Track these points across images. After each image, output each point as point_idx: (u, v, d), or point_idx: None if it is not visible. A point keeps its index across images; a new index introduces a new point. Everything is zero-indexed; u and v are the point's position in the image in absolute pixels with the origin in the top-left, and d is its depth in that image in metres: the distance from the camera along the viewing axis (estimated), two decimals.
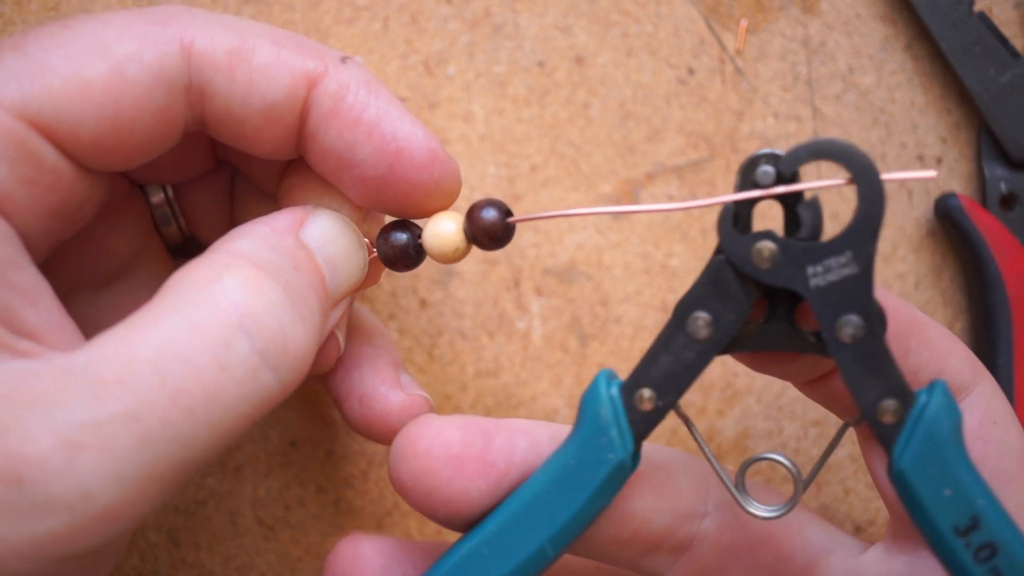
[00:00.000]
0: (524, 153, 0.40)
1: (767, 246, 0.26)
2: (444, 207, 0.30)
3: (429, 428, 0.29)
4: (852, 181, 0.26)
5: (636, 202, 0.40)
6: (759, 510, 0.29)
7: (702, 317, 0.27)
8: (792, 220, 0.27)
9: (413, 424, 0.30)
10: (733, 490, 0.29)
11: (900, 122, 0.40)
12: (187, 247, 0.35)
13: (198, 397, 0.24)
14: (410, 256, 0.30)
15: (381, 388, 0.33)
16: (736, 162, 0.40)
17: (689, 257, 0.40)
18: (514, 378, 0.39)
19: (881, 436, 0.27)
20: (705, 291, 0.27)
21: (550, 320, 0.40)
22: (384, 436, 0.33)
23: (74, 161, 0.26)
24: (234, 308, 0.25)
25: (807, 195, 0.27)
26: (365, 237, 0.30)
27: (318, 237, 0.29)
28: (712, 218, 0.40)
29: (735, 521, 0.31)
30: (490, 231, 0.29)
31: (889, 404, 0.26)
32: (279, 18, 0.39)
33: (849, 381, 0.27)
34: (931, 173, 0.26)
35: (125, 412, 0.23)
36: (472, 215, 0.30)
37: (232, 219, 0.35)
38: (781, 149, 0.27)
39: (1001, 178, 0.39)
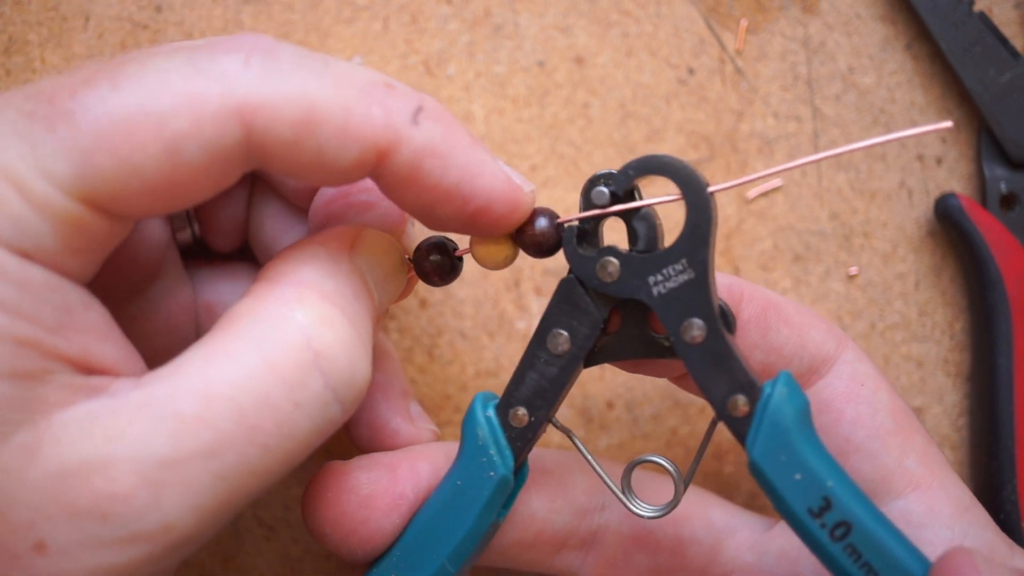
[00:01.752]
0: (524, 153, 0.40)
1: (610, 261, 0.28)
2: (512, 231, 0.30)
3: (336, 476, 0.30)
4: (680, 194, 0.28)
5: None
6: (644, 510, 0.30)
7: (560, 334, 0.29)
8: (632, 233, 0.29)
9: (320, 475, 0.31)
10: (618, 493, 0.30)
11: (900, 122, 0.40)
12: (193, 248, 0.35)
13: (273, 433, 0.25)
14: (447, 271, 0.31)
15: (393, 420, 0.33)
16: (736, 162, 0.40)
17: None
18: None
19: (734, 430, 0.28)
20: (559, 309, 0.29)
21: None
22: None
23: (122, 219, 0.26)
24: (309, 347, 0.26)
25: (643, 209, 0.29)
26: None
27: (368, 259, 0.29)
28: None
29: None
30: (539, 239, 0.29)
31: (738, 399, 0.28)
32: (279, 18, 0.39)
33: (699, 380, 0.28)
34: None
35: (205, 449, 0.24)
36: (522, 226, 0.30)
37: (246, 224, 0.35)
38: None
39: (1001, 178, 0.39)
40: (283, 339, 0.26)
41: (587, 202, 0.29)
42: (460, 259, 0.31)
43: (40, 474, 0.23)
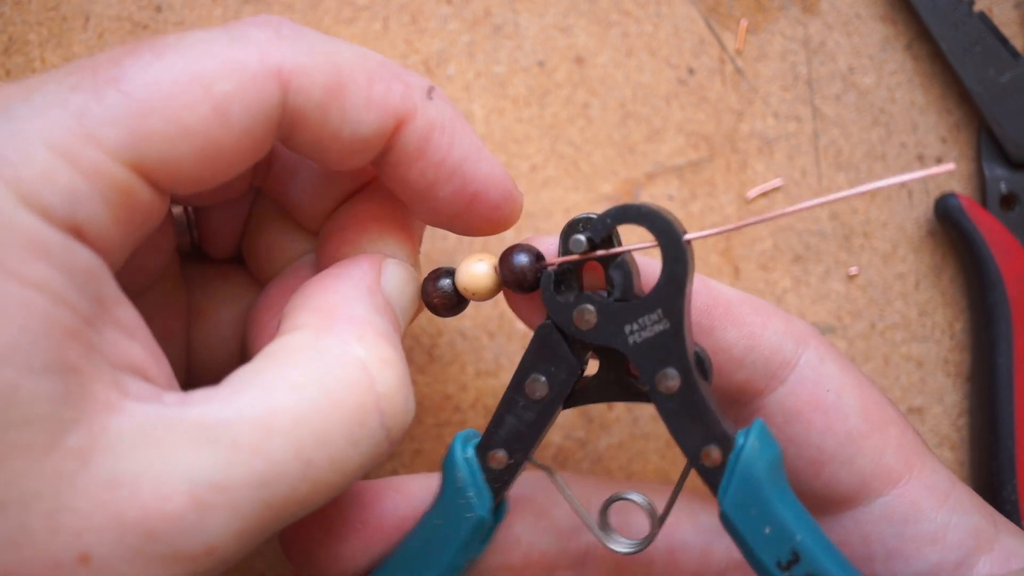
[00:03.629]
0: (524, 153, 0.40)
1: (588, 308, 0.28)
2: (502, 231, 0.31)
3: (312, 521, 0.30)
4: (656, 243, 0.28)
5: (636, 201, 0.40)
6: (621, 545, 0.30)
7: (538, 379, 0.29)
8: (608, 281, 0.29)
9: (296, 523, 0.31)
10: (595, 529, 0.30)
11: (900, 122, 0.40)
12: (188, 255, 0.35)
13: (326, 469, 0.25)
14: (454, 304, 0.31)
15: None
16: (736, 162, 0.40)
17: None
18: None
19: (707, 480, 0.28)
20: (537, 354, 0.29)
21: None
22: None
23: (165, 193, 0.26)
24: (373, 388, 0.26)
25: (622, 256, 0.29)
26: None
27: (392, 291, 0.30)
28: (711, 220, 0.40)
29: None
30: (519, 277, 0.30)
31: (711, 450, 0.28)
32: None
33: (672, 430, 0.28)
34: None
35: (257, 479, 0.24)
36: (503, 260, 0.30)
37: (242, 234, 0.35)
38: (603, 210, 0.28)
39: (1001, 178, 0.39)
40: (347, 377, 0.26)
41: (565, 249, 0.29)
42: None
43: (91, 481, 0.23)
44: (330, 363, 0.26)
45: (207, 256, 0.35)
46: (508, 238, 0.40)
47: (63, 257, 0.23)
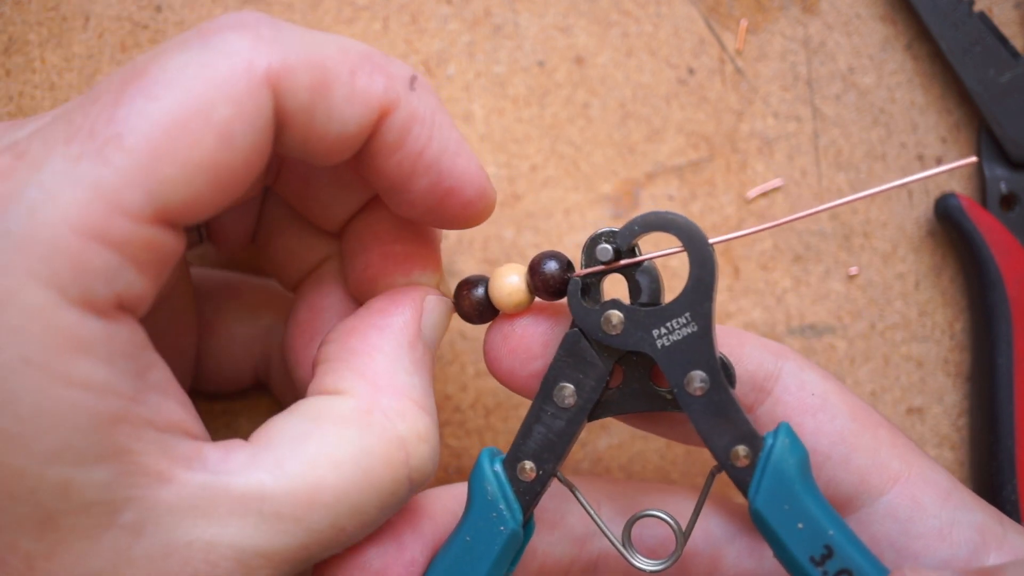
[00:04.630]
0: (524, 153, 0.40)
1: (615, 314, 0.29)
2: (474, 226, 0.31)
3: (343, 554, 0.30)
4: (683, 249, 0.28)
5: (636, 202, 0.40)
6: (646, 564, 0.31)
7: (566, 387, 0.30)
8: (635, 287, 0.29)
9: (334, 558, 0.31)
10: (620, 547, 0.31)
11: (900, 122, 0.40)
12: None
13: (356, 533, 0.28)
14: (486, 313, 0.31)
15: None
16: (736, 162, 0.40)
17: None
18: None
19: (736, 480, 0.29)
20: (565, 363, 0.30)
21: None
22: None
23: (183, 228, 0.26)
24: (407, 463, 0.28)
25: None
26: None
27: (432, 331, 0.31)
28: (710, 221, 0.40)
29: None
30: (549, 284, 0.30)
31: (740, 449, 0.29)
32: (278, 18, 0.39)
33: (701, 431, 0.29)
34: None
35: (298, 546, 0.26)
36: (533, 268, 0.30)
37: (255, 228, 0.35)
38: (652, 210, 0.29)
39: (1001, 178, 0.39)
40: (386, 456, 0.28)
41: (590, 259, 0.29)
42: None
43: (145, 553, 0.24)
44: (372, 443, 0.27)
45: (218, 248, 0.36)
46: (507, 239, 0.40)
47: (105, 346, 0.24)
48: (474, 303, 0.31)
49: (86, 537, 0.24)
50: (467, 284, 0.31)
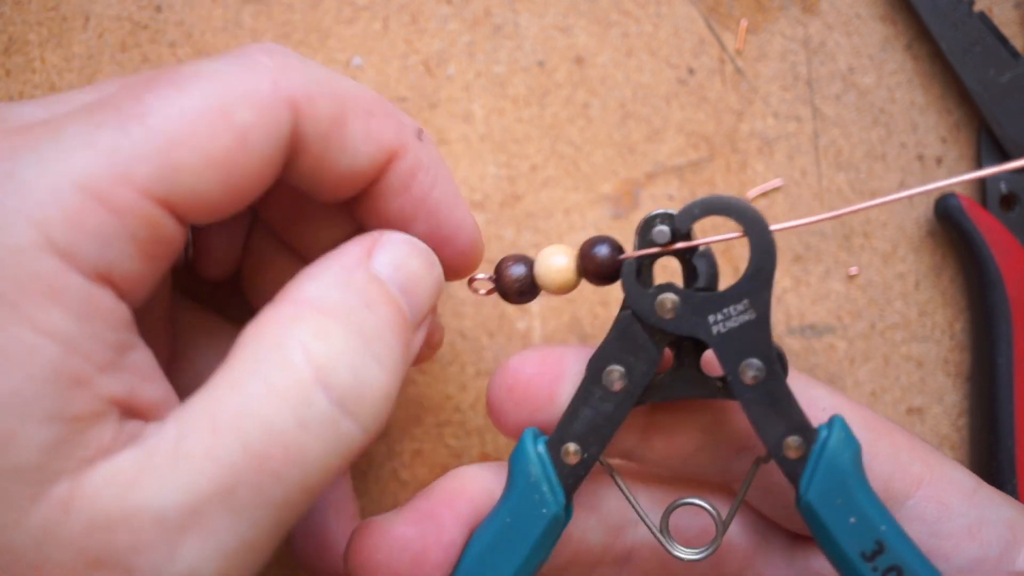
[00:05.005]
0: (524, 153, 0.40)
1: (669, 298, 0.28)
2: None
3: (382, 536, 0.29)
4: (745, 234, 0.28)
5: (636, 202, 0.40)
6: (684, 553, 0.30)
7: (616, 370, 0.29)
8: (690, 272, 0.29)
9: (363, 535, 0.30)
10: (659, 535, 0.30)
11: (900, 122, 0.40)
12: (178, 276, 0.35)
13: (281, 459, 0.24)
14: (527, 291, 0.31)
15: (343, 541, 0.32)
16: (736, 162, 0.40)
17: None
18: None
19: (787, 471, 0.28)
20: (616, 345, 0.29)
21: (550, 320, 0.40)
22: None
23: (186, 224, 0.26)
24: (307, 363, 0.25)
25: (700, 248, 0.29)
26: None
27: (388, 264, 0.28)
28: (710, 220, 0.40)
29: None
30: (600, 268, 0.30)
31: (793, 440, 0.28)
32: (279, 18, 0.39)
33: (754, 420, 0.28)
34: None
35: (217, 488, 0.23)
36: (584, 252, 0.30)
37: (239, 256, 0.35)
38: (707, 195, 0.29)
39: (1001, 178, 0.39)
40: (281, 359, 0.25)
41: (644, 241, 0.29)
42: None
43: (71, 532, 0.23)
44: (265, 350, 0.25)
45: (202, 278, 0.35)
46: (507, 239, 0.40)
47: (83, 304, 0.23)
48: (515, 279, 0.30)
49: (13, 508, 0.22)
50: (509, 259, 0.31)
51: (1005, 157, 0.39)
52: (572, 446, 0.29)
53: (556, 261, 0.30)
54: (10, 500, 0.22)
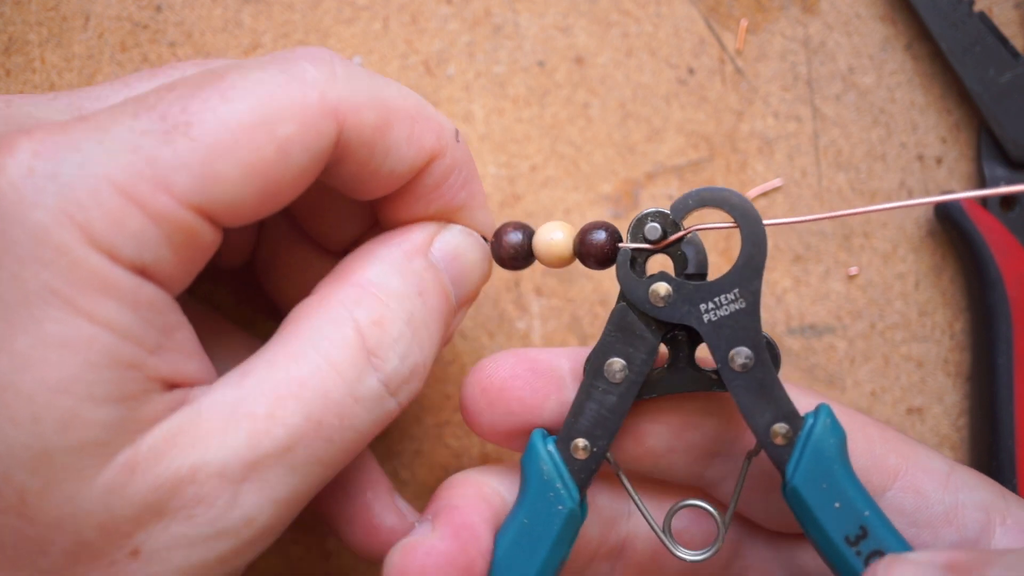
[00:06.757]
0: (524, 153, 0.40)
1: (662, 286, 0.29)
2: None
3: (426, 554, 0.29)
4: (736, 225, 0.29)
5: (636, 202, 0.40)
6: (687, 554, 0.31)
7: (616, 362, 0.30)
8: (680, 259, 0.30)
9: (405, 557, 0.30)
10: (663, 536, 0.31)
11: (900, 122, 0.40)
12: None
13: (336, 426, 0.27)
14: (522, 258, 0.32)
15: (387, 519, 0.34)
16: (736, 162, 0.40)
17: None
18: None
19: (774, 457, 0.29)
20: (614, 337, 0.30)
21: (550, 320, 0.40)
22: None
23: (221, 227, 0.27)
24: (363, 346, 0.28)
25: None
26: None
27: (447, 254, 0.31)
28: (711, 220, 0.40)
29: None
30: (596, 252, 0.30)
31: (780, 427, 0.29)
32: (279, 18, 0.39)
33: (743, 407, 0.29)
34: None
35: (278, 447, 0.26)
36: (583, 232, 0.31)
37: (254, 244, 0.35)
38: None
39: (1001, 178, 0.39)
40: (341, 337, 0.27)
41: (637, 238, 0.30)
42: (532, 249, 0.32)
43: (138, 489, 0.25)
44: (326, 327, 0.27)
45: (217, 262, 0.35)
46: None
47: (131, 294, 0.25)
48: (512, 244, 0.31)
49: (79, 477, 0.24)
50: (509, 226, 0.32)
51: (1005, 157, 0.39)
52: (581, 442, 0.30)
53: (555, 236, 0.31)
54: (77, 472, 0.24)
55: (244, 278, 0.37)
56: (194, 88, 0.26)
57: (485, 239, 0.32)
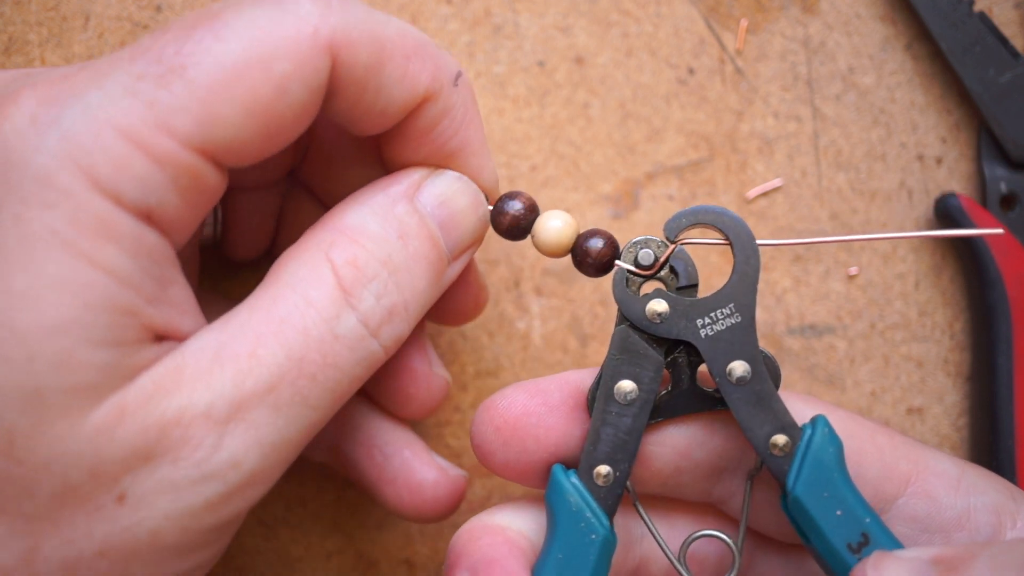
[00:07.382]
0: (524, 153, 0.40)
1: (659, 303, 0.30)
2: None
3: None
4: (728, 242, 0.30)
5: (636, 202, 0.40)
6: None
7: (626, 383, 0.30)
8: (670, 274, 0.30)
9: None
10: (678, 566, 0.31)
11: (900, 122, 0.40)
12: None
13: (319, 364, 0.27)
14: (519, 232, 0.31)
15: (430, 475, 0.34)
16: (736, 162, 0.40)
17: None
18: (514, 378, 0.39)
19: (774, 469, 0.29)
20: (619, 360, 0.30)
21: (550, 320, 0.40)
22: (433, 516, 0.35)
23: (225, 170, 0.27)
24: (340, 285, 0.28)
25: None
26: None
27: (433, 200, 0.30)
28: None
29: None
30: (591, 258, 0.31)
31: (779, 439, 0.29)
32: None
33: (742, 420, 0.29)
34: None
35: (261, 386, 0.26)
36: (581, 238, 0.31)
37: (271, 232, 0.35)
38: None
39: (1001, 178, 0.39)
40: (317, 278, 0.27)
41: (634, 263, 0.30)
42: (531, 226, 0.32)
43: (127, 433, 0.25)
44: (303, 269, 0.28)
45: (232, 254, 0.36)
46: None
47: (133, 241, 0.25)
48: (512, 214, 0.31)
49: (70, 418, 0.24)
50: (515, 195, 0.31)
51: (1005, 157, 0.39)
52: (603, 468, 0.30)
53: (554, 224, 0.31)
54: (68, 414, 0.24)
55: (260, 270, 0.37)
56: (188, 29, 0.26)
57: (487, 196, 0.31)
